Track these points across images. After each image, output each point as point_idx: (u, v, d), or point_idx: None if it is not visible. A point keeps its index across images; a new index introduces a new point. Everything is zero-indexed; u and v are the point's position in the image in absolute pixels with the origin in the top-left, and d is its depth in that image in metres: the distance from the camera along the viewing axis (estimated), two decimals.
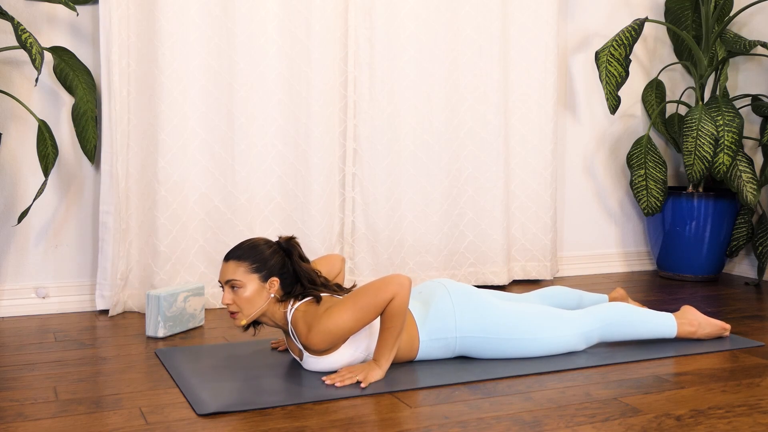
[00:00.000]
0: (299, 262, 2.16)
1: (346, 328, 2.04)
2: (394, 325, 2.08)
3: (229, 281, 2.11)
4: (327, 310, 2.06)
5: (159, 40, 2.92)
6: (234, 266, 2.11)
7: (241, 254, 2.12)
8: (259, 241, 2.17)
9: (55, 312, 2.95)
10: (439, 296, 2.30)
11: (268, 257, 2.13)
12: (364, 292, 2.06)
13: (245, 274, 2.11)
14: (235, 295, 2.11)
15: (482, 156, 3.49)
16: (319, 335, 2.04)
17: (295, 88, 3.13)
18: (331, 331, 2.04)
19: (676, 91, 4.08)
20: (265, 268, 2.12)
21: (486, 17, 3.45)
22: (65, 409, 1.90)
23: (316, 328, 2.04)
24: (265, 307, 2.13)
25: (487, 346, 2.29)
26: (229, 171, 3.05)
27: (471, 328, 2.27)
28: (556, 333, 2.34)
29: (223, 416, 1.86)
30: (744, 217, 3.74)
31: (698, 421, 1.85)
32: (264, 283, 2.12)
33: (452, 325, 2.26)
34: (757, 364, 2.34)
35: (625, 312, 2.46)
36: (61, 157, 2.95)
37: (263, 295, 2.12)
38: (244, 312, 2.12)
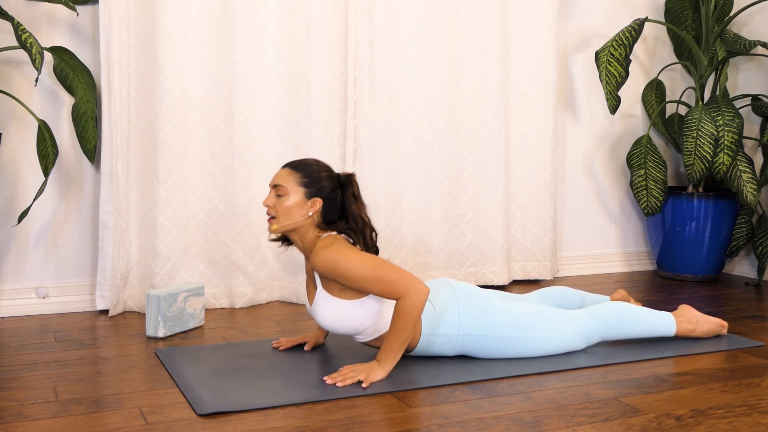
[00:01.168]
0: (350, 199, 2.19)
1: (350, 275, 2.06)
2: (402, 327, 2.08)
3: (277, 186, 2.17)
4: (351, 250, 2.09)
5: (159, 40, 2.92)
6: (287, 173, 2.17)
7: (299, 165, 2.18)
8: (320, 162, 2.22)
9: (55, 312, 2.95)
10: (444, 294, 2.30)
11: (321, 178, 2.17)
12: (388, 267, 2.08)
13: (293, 184, 2.15)
14: (278, 201, 2.16)
15: (482, 156, 3.49)
16: (325, 257, 2.07)
17: (295, 88, 3.13)
18: (337, 264, 2.06)
19: (676, 91, 4.08)
20: (313, 186, 2.16)
21: (486, 17, 3.45)
22: (65, 409, 1.90)
23: (329, 251, 2.07)
24: (300, 222, 2.16)
25: (487, 345, 2.29)
26: (229, 171, 3.05)
27: (474, 326, 2.27)
28: (556, 332, 2.34)
29: (223, 416, 1.86)
30: (744, 217, 3.74)
31: (698, 421, 1.85)
32: (307, 200, 2.16)
33: (456, 323, 2.26)
34: (757, 364, 2.34)
35: (625, 311, 2.47)
36: (61, 157, 2.95)
37: (302, 211, 2.16)
38: (279, 219, 2.16)
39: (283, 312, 3.02)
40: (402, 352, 2.12)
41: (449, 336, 2.26)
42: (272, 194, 2.18)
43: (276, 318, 2.91)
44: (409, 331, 2.09)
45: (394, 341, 2.09)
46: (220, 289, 3.08)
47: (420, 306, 2.07)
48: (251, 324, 2.81)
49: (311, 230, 2.19)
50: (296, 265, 3.17)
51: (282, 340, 2.45)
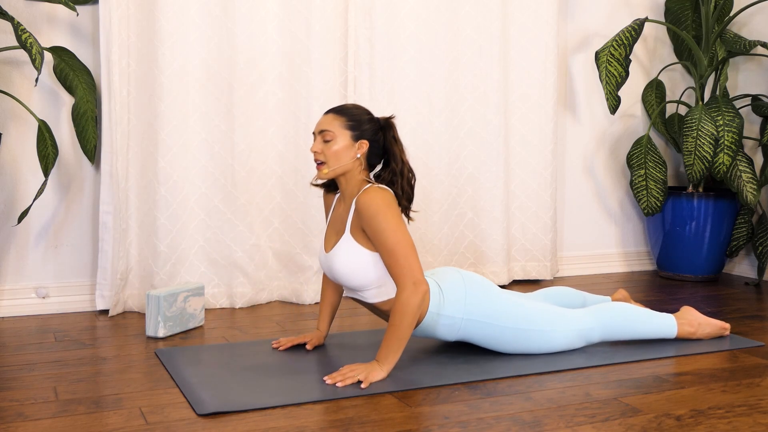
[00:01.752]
0: (391, 141, 2.24)
1: (379, 231, 2.10)
2: (398, 323, 2.08)
3: (323, 131, 2.20)
4: (395, 212, 2.12)
5: (159, 39, 2.92)
6: (331, 118, 2.21)
7: (341, 110, 2.23)
8: (362, 107, 2.27)
9: (55, 312, 2.95)
10: (452, 279, 2.31)
11: (364, 121, 2.22)
12: (408, 252, 2.11)
13: (339, 128, 2.19)
14: (325, 146, 2.20)
15: (482, 156, 3.49)
16: (372, 201, 2.11)
17: (295, 87, 3.13)
18: (377, 213, 2.10)
19: (676, 91, 4.08)
20: (359, 129, 2.20)
21: (486, 17, 3.45)
22: (65, 409, 1.90)
23: (378, 198, 2.11)
24: (349, 165, 2.21)
25: (488, 332, 2.30)
26: (229, 171, 3.05)
27: (478, 312, 2.28)
28: (555, 328, 2.35)
29: (223, 416, 1.86)
30: (744, 217, 3.74)
31: (698, 421, 1.85)
32: (354, 143, 2.20)
33: (461, 306, 2.27)
34: (757, 364, 2.34)
35: (626, 312, 2.47)
36: (61, 157, 2.95)
37: (350, 153, 2.20)
38: (329, 163, 2.20)
39: (283, 312, 3.02)
40: (401, 351, 2.12)
41: (453, 319, 2.27)
42: (319, 140, 2.21)
43: (276, 318, 2.92)
44: (406, 329, 2.09)
45: (391, 338, 2.09)
46: (220, 289, 3.08)
47: (415, 303, 2.09)
48: (251, 324, 2.81)
49: (358, 173, 2.23)
50: (296, 265, 3.17)
51: (282, 340, 2.45)
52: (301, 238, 3.16)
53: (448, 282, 2.30)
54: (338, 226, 2.27)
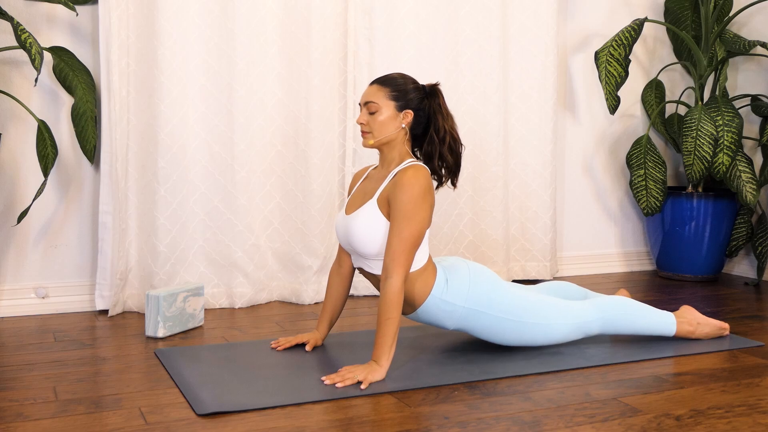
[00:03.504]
0: (436, 108, 2.24)
1: (399, 208, 2.12)
2: (391, 317, 2.09)
3: (368, 102, 2.22)
4: (426, 198, 2.14)
5: (158, 40, 2.92)
6: (376, 89, 2.23)
7: (386, 80, 2.24)
8: (407, 76, 2.27)
9: (54, 312, 2.95)
10: (458, 266, 2.34)
11: (409, 90, 2.23)
12: (413, 243, 2.13)
13: (384, 99, 2.21)
14: (371, 117, 2.22)
15: (482, 156, 3.49)
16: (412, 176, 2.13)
17: (295, 88, 3.13)
18: (409, 191, 2.12)
19: (675, 91, 4.08)
20: (403, 99, 2.22)
21: (486, 17, 3.45)
22: (65, 409, 1.90)
23: (418, 175, 2.14)
24: (393, 135, 2.23)
25: (487, 323, 2.31)
26: (229, 171, 3.05)
27: (480, 302, 2.29)
28: (556, 321, 2.37)
29: (223, 416, 1.86)
30: (743, 217, 3.74)
31: (698, 421, 1.85)
32: (399, 113, 2.22)
33: (464, 295, 2.28)
34: (756, 364, 2.34)
35: (626, 306, 2.48)
36: (60, 157, 2.95)
37: (395, 123, 2.22)
38: (374, 134, 2.23)
39: (283, 312, 3.02)
40: (394, 347, 2.12)
41: (455, 306, 2.28)
42: (364, 112, 2.24)
43: (276, 318, 2.91)
44: (396, 321, 2.10)
45: (385, 334, 2.10)
46: (219, 289, 3.08)
47: (402, 295, 2.11)
48: (251, 324, 2.81)
49: (402, 142, 2.25)
50: (296, 265, 3.17)
51: (281, 340, 2.45)
52: (301, 239, 3.16)
53: (454, 270, 2.31)
54: (368, 191, 2.29)
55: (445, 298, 2.27)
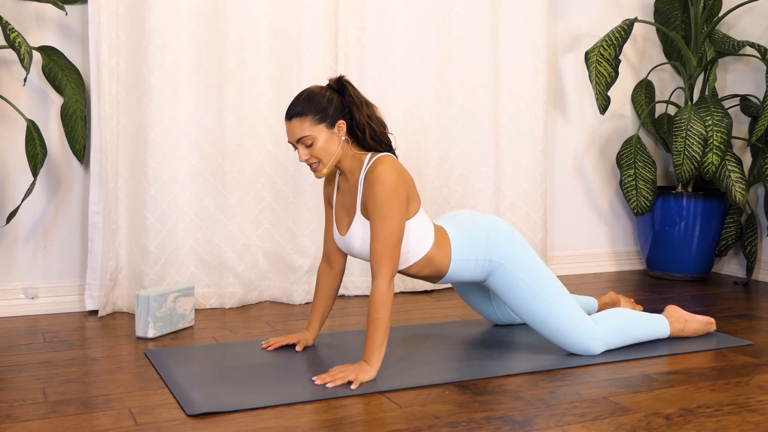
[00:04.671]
0: (350, 100, 2.18)
1: (377, 208, 2.10)
2: (379, 316, 2.08)
3: (300, 139, 2.15)
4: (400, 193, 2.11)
5: (149, 39, 2.91)
6: (299, 124, 2.15)
7: (302, 110, 2.15)
8: (314, 90, 2.19)
9: (44, 313, 2.93)
10: (474, 219, 2.35)
11: (327, 104, 2.16)
12: (395, 243, 2.11)
13: (312, 127, 2.14)
14: (310, 149, 2.16)
15: (473, 156, 3.49)
16: (382, 173, 2.10)
17: (286, 88, 3.12)
18: (383, 188, 2.09)
19: (665, 91, 4.10)
20: (328, 115, 2.15)
21: (476, 17, 3.45)
22: (54, 410, 1.89)
23: (388, 172, 2.11)
24: (340, 151, 2.19)
25: (505, 280, 2.30)
26: (220, 171, 3.04)
27: (500, 254, 2.29)
28: (573, 318, 2.32)
29: (213, 417, 1.85)
30: (733, 217, 3.76)
31: (687, 420, 1.86)
32: (332, 129, 2.16)
33: (483, 247, 2.28)
34: (745, 363, 2.35)
35: (626, 320, 2.46)
36: (49, 157, 2.94)
37: (335, 141, 2.17)
38: (323, 161, 2.18)
39: (274, 312, 3.01)
40: (385, 346, 2.11)
41: (477, 261, 2.30)
42: (301, 148, 2.17)
43: (266, 318, 2.91)
44: (387, 321, 2.09)
45: (374, 334, 2.09)
46: (210, 290, 3.07)
47: (391, 295, 2.10)
48: (241, 324, 2.81)
49: (350, 150, 2.21)
50: (286, 266, 3.17)
51: (271, 340, 2.45)
52: (292, 239, 3.16)
53: (470, 223, 2.33)
54: (348, 205, 2.27)
55: (465, 257, 2.28)
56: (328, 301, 2.45)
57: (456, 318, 2.93)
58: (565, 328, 2.32)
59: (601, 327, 2.37)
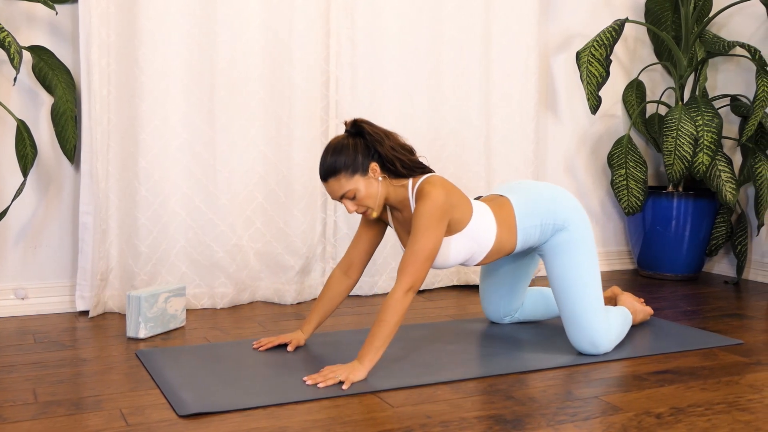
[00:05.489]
0: (372, 140, 2.20)
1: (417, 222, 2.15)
2: (386, 319, 2.09)
3: (343, 196, 2.20)
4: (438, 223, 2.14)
5: (139, 39, 2.90)
6: (335, 183, 2.18)
7: (333, 169, 2.17)
8: (336, 145, 2.19)
9: (34, 313, 2.92)
10: (539, 187, 2.43)
11: (353, 154, 2.17)
12: (426, 259, 2.13)
13: (348, 182, 2.17)
14: (355, 201, 2.20)
15: (464, 156, 3.49)
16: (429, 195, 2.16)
17: (277, 87, 3.12)
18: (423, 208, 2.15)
19: (656, 92, 4.11)
20: (359, 164, 2.17)
21: (468, 17, 3.45)
22: (44, 411, 1.88)
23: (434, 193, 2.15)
24: (383, 190, 2.23)
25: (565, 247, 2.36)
26: (211, 171, 3.04)
27: (564, 218, 2.36)
28: (600, 313, 2.37)
29: (205, 417, 1.85)
30: (723, 217, 3.77)
31: (678, 419, 1.86)
32: (368, 176, 2.19)
33: (549, 209, 2.36)
34: (736, 362, 2.36)
35: (624, 320, 2.55)
36: (40, 157, 2.93)
37: (374, 184, 2.21)
38: (371, 206, 2.22)
39: (265, 312, 3.01)
40: (383, 350, 2.11)
41: (543, 226, 2.36)
42: (346, 203, 2.21)
43: (258, 318, 2.91)
44: (393, 327, 2.10)
45: (376, 335, 2.10)
46: (201, 290, 3.07)
47: (406, 306, 2.11)
48: (233, 324, 2.80)
49: (393, 186, 2.25)
50: (278, 266, 3.16)
51: (262, 340, 2.44)
52: (283, 239, 3.16)
53: (538, 190, 2.41)
54: (407, 227, 2.32)
55: (531, 223, 2.35)
56: (330, 307, 2.45)
57: (447, 318, 2.93)
58: (590, 315, 2.36)
59: (612, 328, 2.43)
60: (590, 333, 2.36)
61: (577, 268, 2.35)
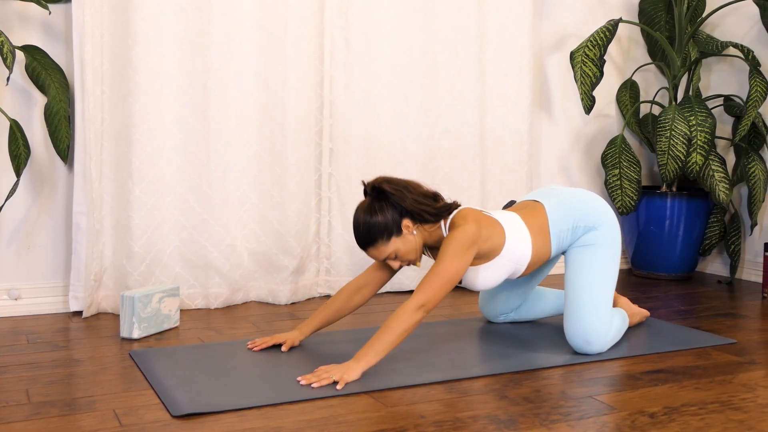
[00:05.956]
0: (393, 197, 2.22)
1: (443, 251, 2.21)
2: (392, 327, 2.10)
3: (386, 259, 2.28)
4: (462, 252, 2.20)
5: (133, 38, 2.89)
6: (374, 251, 2.25)
7: (368, 240, 2.22)
8: (364, 215, 2.21)
9: (27, 314, 2.91)
10: (572, 191, 2.50)
11: (383, 221, 2.21)
12: (447, 282, 2.17)
13: (387, 246, 2.23)
14: (397, 259, 2.28)
15: (459, 156, 3.50)
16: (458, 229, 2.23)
17: (271, 87, 3.12)
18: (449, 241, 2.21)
19: (649, 92, 4.12)
20: (390, 226, 2.22)
21: (463, 17, 3.46)
22: (38, 411, 1.88)
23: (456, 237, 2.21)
24: (420, 240, 2.29)
25: (590, 246, 2.40)
26: (205, 171, 3.03)
27: (595, 220, 2.41)
28: (606, 316, 2.40)
29: (198, 417, 1.85)
30: (716, 216, 3.78)
31: (671, 418, 1.87)
32: (402, 234, 2.24)
33: (581, 212, 2.41)
34: (729, 361, 2.36)
35: (622, 324, 2.55)
36: (33, 157, 2.92)
37: (411, 239, 2.26)
38: (414, 259, 2.30)
39: (259, 312, 3.01)
40: (383, 354, 2.11)
41: (575, 229, 2.41)
42: (391, 263, 2.29)
43: (252, 318, 2.90)
44: (397, 336, 2.11)
45: (379, 339, 2.10)
46: (195, 290, 3.06)
47: (415, 321, 2.13)
48: (227, 325, 2.80)
49: (428, 232, 2.31)
50: (272, 266, 3.16)
51: (257, 340, 2.44)
52: (277, 239, 3.15)
53: (567, 195, 2.47)
54: None
55: (564, 226, 2.40)
56: (335, 316, 2.45)
57: (442, 318, 2.93)
58: (595, 312, 2.37)
59: (610, 331, 2.44)
60: (588, 330, 2.36)
61: (598, 266, 2.40)
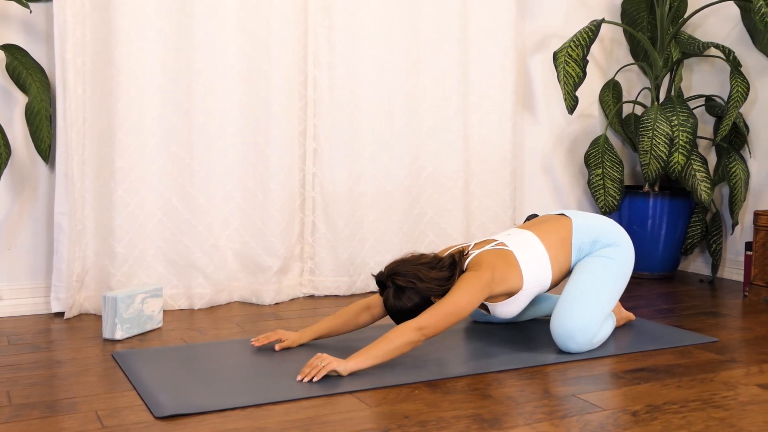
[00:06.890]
0: (414, 290, 2.25)
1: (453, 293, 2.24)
2: (391, 339, 2.13)
3: None
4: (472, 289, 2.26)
5: (115, 38, 2.88)
6: None
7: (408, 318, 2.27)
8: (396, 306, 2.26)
9: (8, 315, 2.89)
10: (599, 215, 2.63)
11: (412, 306, 2.26)
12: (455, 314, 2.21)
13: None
14: None
15: (442, 155, 3.50)
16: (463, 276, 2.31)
17: (255, 87, 3.11)
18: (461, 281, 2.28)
19: (632, 92, 4.14)
20: (424, 306, 2.26)
21: (446, 18, 3.46)
22: (19, 413, 1.86)
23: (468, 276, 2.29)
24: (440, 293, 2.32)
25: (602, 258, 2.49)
26: (188, 171, 3.02)
27: (614, 239, 2.53)
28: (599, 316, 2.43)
29: (181, 418, 1.84)
30: (698, 216, 3.81)
31: (654, 417, 1.88)
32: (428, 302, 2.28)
33: (603, 230, 2.54)
34: (710, 359, 2.38)
35: (611, 327, 2.56)
36: (14, 157, 2.90)
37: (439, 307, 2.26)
38: None
39: (243, 313, 3.00)
40: (377, 361, 2.12)
41: (596, 242, 2.53)
42: None
43: (235, 319, 2.89)
44: (394, 348, 2.12)
45: (377, 345, 2.12)
46: (178, 290, 3.05)
47: (413, 340, 2.15)
48: (210, 325, 2.79)
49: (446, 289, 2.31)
50: (256, 266, 3.15)
51: (260, 337, 2.42)
52: (261, 239, 3.15)
53: (592, 214, 2.60)
54: None
55: (588, 238, 2.52)
56: (342, 329, 2.45)
57: None
58: (591, 310, 2.40)
59: (599, 334, 2.46)
60: (577, 326, 2.37)
61: (608, 273, 2.47)
